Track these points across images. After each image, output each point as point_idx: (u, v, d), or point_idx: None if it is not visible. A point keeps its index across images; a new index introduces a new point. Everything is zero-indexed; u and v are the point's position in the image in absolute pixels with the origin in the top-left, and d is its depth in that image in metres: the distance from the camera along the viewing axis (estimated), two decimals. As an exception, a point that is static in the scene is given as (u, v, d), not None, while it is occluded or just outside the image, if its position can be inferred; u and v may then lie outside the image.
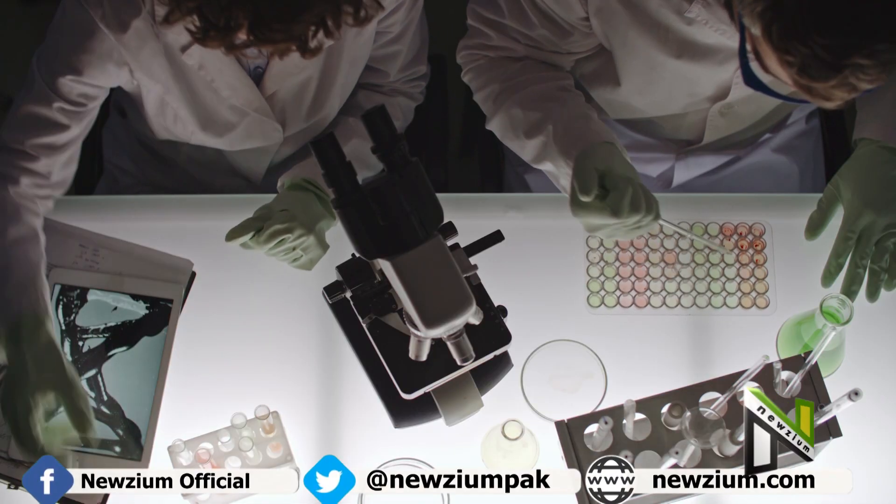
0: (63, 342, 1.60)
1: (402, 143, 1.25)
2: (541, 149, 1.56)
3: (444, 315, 1.25)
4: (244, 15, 1.12)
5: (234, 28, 1.14)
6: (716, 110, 1.67)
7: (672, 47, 1.53)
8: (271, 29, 1.13)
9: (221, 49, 1.19)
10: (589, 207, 1.44)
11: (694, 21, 1.47)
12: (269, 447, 1.52)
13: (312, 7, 1.13)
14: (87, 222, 1.67)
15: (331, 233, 1.60)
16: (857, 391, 1.25)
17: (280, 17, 1.12)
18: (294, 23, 1.13)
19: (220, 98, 1.59)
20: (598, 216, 1.44)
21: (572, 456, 1.42)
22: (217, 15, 1.13)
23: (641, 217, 1.44)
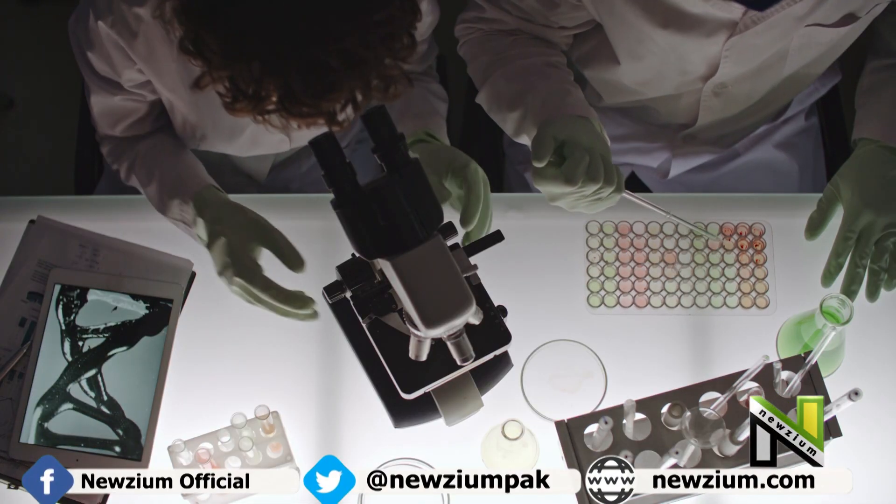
0: (63, 342, 1.60)
1: (402, 143, 1.25)
2: (519, 121, 1.55)
3: (444, 315, 1.25)
4: (275, 88, 1.12)
5: (264, 98, 1.14)
6: (709, 90, 1.67)
7: (658, 17, 1.52)
8: (301, 103, 1.13)
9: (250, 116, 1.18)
10: (544, 175, 1.43)
11: None
12: (269, 447, 1.52)
13: (343, 85, 1.12)
14: (87, 222, 1.67)
15: (331, 233, 1.61)
16: (857, 391, 1.25)
17: (310, 94, 1.11)
18: (324, 100, 1.13)
19: None
20: (554, 184, 1.43)
21: (572, 456, 1.42)
22: (248, 85, 1.12)
23: (600, 187, 1.42)
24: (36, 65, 2.81)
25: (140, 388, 1.58)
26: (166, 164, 1.60)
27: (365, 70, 1.12)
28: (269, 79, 1.11)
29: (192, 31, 1.13)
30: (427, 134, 1.55)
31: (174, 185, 1.57)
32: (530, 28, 1.64)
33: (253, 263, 1.43)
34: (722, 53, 1.56)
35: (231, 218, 1.48)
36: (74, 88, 2.02)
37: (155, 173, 1.59)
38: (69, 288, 1.62)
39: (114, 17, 1.43)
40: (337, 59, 1.10)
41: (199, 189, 1.54)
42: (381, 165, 1.26)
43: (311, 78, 1.10)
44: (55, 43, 2.80)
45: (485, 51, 1.65)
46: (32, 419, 1.55)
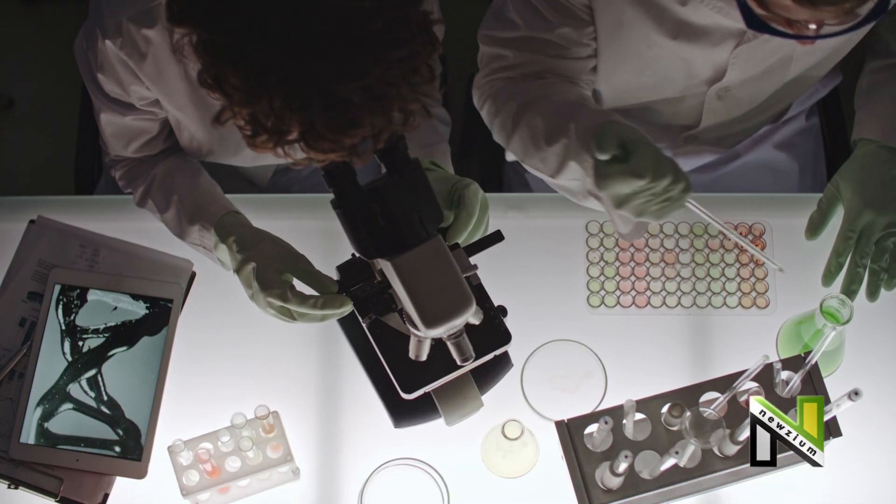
0: (63, 342, 1.60)
1: (403, 143, 1.25)
2: (563, 152, 1.49)
3: (444, 315, 1.25)
4: (296, 123, 1.11)
5: (285, 133, 1.13)
6: (713, 93, 1.66)
7: (668, 28, 1.52)
8: (323, 139, 1.12)
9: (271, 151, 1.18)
10: (609, 172, 1.35)
11: (690, 1, 1.46)
12: (269, 447, 1.52)
13: (365, 121, 1.11)
14: (87, 222, 1.67)
15: (331, 233, 1.61)
16: (857, 391, 1.25)
17: (332, 129, 1.10)
18: (346, 136, 1.12)
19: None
20: (622, 181, 1.34)
21: (572, 456, 1.42)
22: (268, 119, 1.12)
23: (669, 183, 1.35)
24: (36, 65, 2.81)
25: (140, 388, 1.58)
26: (184, 190, 1.59)
27: (387, 105, 1.11)
28: (290, 115, 1.10)
29: (213, 67, 1.12)
30: (432, 163, 1.54)
31: (193, 211, 1.56)
32: (560, 66, 1.59)
33: (284, 284, 1.41)
34: (729, 61, 1.57)
35: (256, 244, 1.46)
36: (74, 88, 2.02)
37: (173, 199, 1.59)
38: (69, 288, 1.62)
39: (123, 38, 1.42)
40: (359, 95, 1.09)
41: (220, 215, 1.53)
42: (381, 165, 1.26)
43: (333, 114, 1.09)
44: (55, 43, 2.80)
45: (514, 96, 1.58)
46: (32, 419, 1.55)
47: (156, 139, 1.63)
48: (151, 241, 1.66)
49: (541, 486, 1.54)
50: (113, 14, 1.41)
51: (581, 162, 1.44)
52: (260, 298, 1.41)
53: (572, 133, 1.46)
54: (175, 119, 1.58)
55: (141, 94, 1.52)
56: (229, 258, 1.50)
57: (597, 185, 1.37)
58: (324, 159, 1.15)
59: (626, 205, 1.37)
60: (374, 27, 1.07)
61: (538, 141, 1.51)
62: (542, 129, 1.51)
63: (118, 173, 1.67)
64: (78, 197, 1.83)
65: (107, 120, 1.58)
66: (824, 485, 1.54)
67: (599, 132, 1.38)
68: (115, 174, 1.68)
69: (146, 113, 1.56)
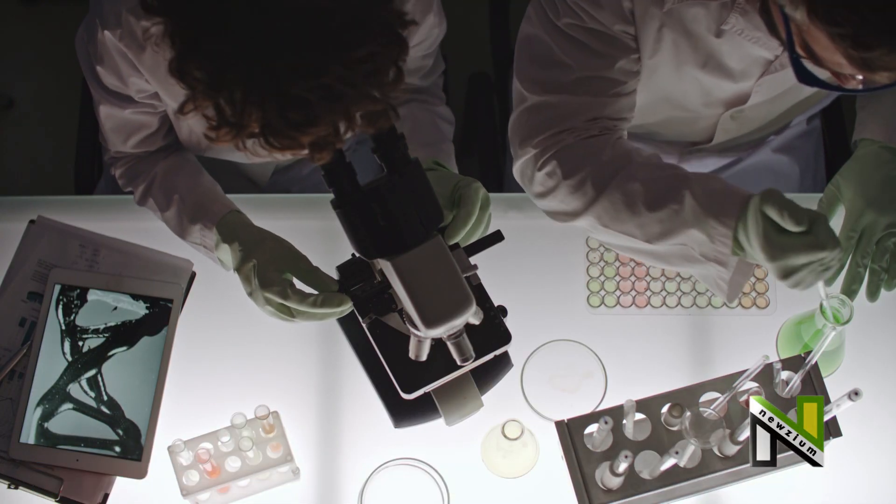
0: (63, 342, 1.60)
1: (402, 142, 1.25)
2: (673, 218, 1.44)
3: (444, 315, 1.25)
4: (256, 119, 1.12)
5: (245, 127, 1.14)
6: (728, 115, 1.67)
7: (699, 57, 1.51)
8: (280, 135, 1.13)
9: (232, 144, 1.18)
10: (792, 245, 1.33)
11: (727, 33, 1.45)
12: (269, 447, 1.52)
13: (323, 119, 1.11)
14: (87, 222, 1.67)
15: (331, 233, 1.61)
16: (857, 391, 1.25)
17: (289, 126, 1.11)
18: (303, 133, 1.12)
19: None
20: (802, 254, 1.32)
21: (572, 456, 1.42)
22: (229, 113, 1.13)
23: (839, 252, 1.34)
24: (36, 65, 2.81)
25: (140, 388, 1.58)
26: (185, 189, 1.59)
27: (347, 104, 1.11)
28: (249, 109, 1.11)
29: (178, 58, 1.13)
30: (435, 163, 1.54)
31: (195, 210, 1.56)
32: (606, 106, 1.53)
33: (284, 282, 1.41)
34: (753, 89, 1.57)
35: (259, 243, 1.46)
36: (74, 88, 2.02)
37: (174, 198, 1.59)
38: (69, 288, 1.62)
39: (122, 29, 1.42)
40: (316, 94, 1.09)
41: (222, 214, 1.53)
42: (381, 165, 1.26)
43: (290, 112, 1.10)
44: (55, 43, 2.80)
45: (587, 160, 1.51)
46: (32, 419, 1.55)
47: (155, 135, 1.62)
48: (151, 241, 1.66)
49: (541, 486, 1.54)
50: (113, 5, 1.42)
51: (707, 229, 1.41)
52: (259, 296, 1.41)
53: (688, 200, 1.43)
54: (173, 113, 1.58)
55: (140, 87, 1.51)
56: (230, 257, 1.50)
57: (769, 256, 1.34)
58: (282, 155, 1.16)
59: (793, 276, 1.35)
60: (332, 26, 1.08)
61: (636, 207, 1.47)
62: (640, 194, 1.46)
63: (118, 171, 1.67)
64: (78, 197, 1.83)
65: (106, 113, 1.58)
66: (824, 485, 1.54)
67: (773, 204, 1.35)
68: (115, 172, 1.67)
69: (145, 106, 1.56)
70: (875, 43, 1.16)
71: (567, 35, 1.48)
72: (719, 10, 1.43)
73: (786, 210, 1.33)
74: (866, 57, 1.18)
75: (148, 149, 1.64)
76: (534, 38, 1.52)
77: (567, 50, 1.49)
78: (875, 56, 1.17)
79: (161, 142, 1.65)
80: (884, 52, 1.17)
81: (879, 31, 1.15)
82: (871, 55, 1.17)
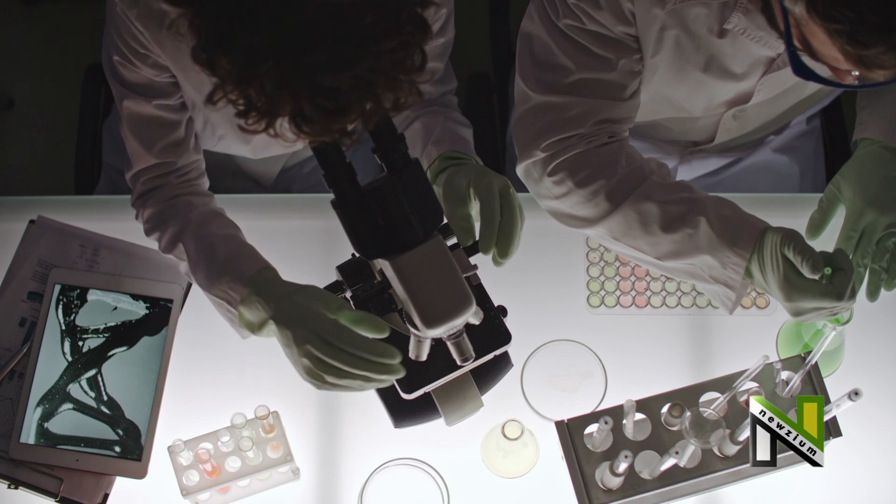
0: (63, 342, 1.60)
1: (402, 143, 1.25)
2: (686, 241, 1.47)
3: (444, 315, 1.25)
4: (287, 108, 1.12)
5: (276, 115, 1.14)
6: (730, 114, 1.67)
7: (701, 58, 1.52)
8: (311, 123, 1.13)
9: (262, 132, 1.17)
10: (809, 289, 1.36)
11: (730, 32, 1.45)
12: (269, 447, 1.52)
13: (354, 107, 1.12)
14: (87, 222, 1.67)
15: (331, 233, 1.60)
16: (857, 391, 1.25)
17: (321, 116, 1.12)
18: (334, 122, 1.13)
19: None
20: (817, 299, 1.36)
21: (572, 456, 1.42)
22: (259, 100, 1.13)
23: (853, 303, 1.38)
24: (36, 65, 2.81)
25: (140, 388, 1.58)
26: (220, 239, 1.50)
27: (377, 91, 1.12)
28: (280, 99, 1.12)
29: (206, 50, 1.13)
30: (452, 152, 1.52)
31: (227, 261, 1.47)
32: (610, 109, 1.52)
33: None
34: (756, 88, 1.57)
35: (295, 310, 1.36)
36: (74, 88, 2.02)
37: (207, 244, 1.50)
38: (69, 288, 1.62)
39: (139, 9, 1.41)
40: (349, 83, 1.10)
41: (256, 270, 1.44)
42: (381, 165, 1.26)
43: (322, 102, 1.10)
44: (55, 43, 2.80)
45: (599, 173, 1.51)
46: (32, 419, 1.55)
47: (181, 143, 1.56)
48: (151, 241, 1.65)
49: (541, 486, 1.54)
50: None
51: (720, 257, 1.44)
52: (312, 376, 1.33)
53: (703, 226, 1.45)
54: (191, 101, 1.56)
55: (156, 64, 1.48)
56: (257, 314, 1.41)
57: (786, 297, 1.39)
58: (314, 141, 1.16)
59: (803, 315, 1.40)
60: (364, 20, 1.08)
61: (650, 226, 1.49)
62: (656, 216, 1.48)
63: (147, 212, 1.57)
64: (78, 197, 1.83)
65: (130, 111, 1.52)
66: (824, 485, 1.54)
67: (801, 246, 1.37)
68: (144, 214, 1.58)
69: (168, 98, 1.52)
70: (872, 41, 1.16)
71: (567, 36, 1.48)
72: (721, 10, 1.43)
73: (807, 258, 1.36)
74: (863, 54, 1.18)
75: (174, 158, 1.56)
76: (535, 38, 1.51)
77: (567, 51, 1.49)
78: (872, 54, 1.18)
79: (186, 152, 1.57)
80: (880, 51, 1.17)
81: (877, 29, 1.15)
82: (868, 52, 1.18)
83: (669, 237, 1.48)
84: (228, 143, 1.67)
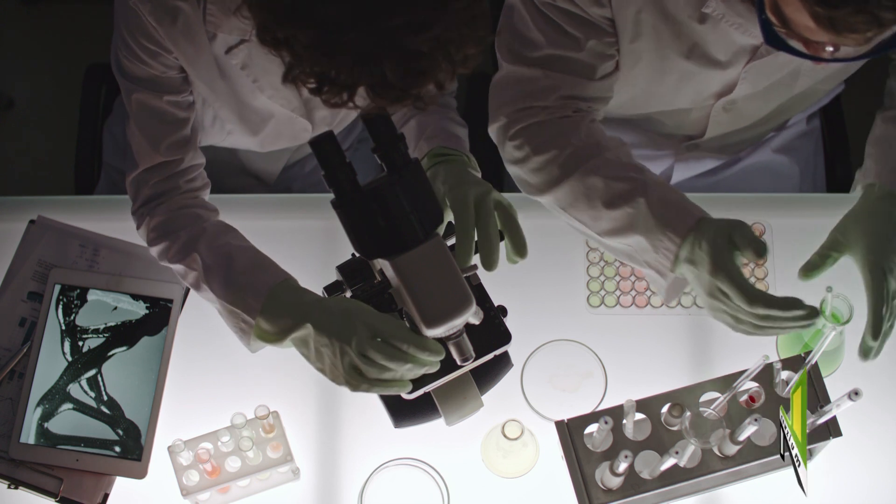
0: (63, 342, 1.60)
1: (402, 143, 1.25)
2: (626, 220, 1.46)
3: (444, 315, 1.25)
4: (368, 78, 1.14)
5: (356, 85, 1.15)
6: (720, 106, 1.67)
7: (683, 45, 1.52)
8: (391, 89, 1.15)
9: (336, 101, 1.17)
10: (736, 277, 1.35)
11: (709, 17, 1.45)
12: (269, 447, 1.52)
13: (434, 70, 1.15)
14: (87, 222, 1.67)
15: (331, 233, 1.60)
16: (857, 391, 1.25)
17: (404, 80, 1.14)
18: (415, 86, 1.15)
19: (258, 97, 1.57)
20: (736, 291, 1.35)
21: (572, 456, 1.42)
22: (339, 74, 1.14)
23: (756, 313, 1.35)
24: (36, 65, 2.81)
25: (140, 388, 1.58)
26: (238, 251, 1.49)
27: (453, 52, 1.15)
28: (361, 69, 1.13)
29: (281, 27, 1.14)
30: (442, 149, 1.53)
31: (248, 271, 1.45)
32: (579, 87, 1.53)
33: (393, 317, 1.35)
34: (740, 76, 1.57)
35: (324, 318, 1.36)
36: (74, 88, 2.02)
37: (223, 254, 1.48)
38: (69, 288, 1.62)
39: (153, 3, 1.40)
40: (429, 46, 1.12)
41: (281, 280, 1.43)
42: (381, 165, 1.26)
43: (404, 66, 1.13)
44: (55, 43, 2.80)
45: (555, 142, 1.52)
46: (32, 419, 1.55)
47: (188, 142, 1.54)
48: (152, 242, 1.66)
49: (541, 486, 1.54)
50: None
51: (654, 241, 1.44)
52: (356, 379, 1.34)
53: (642, 207, 1.45)
54: (200, 95, 1.56)
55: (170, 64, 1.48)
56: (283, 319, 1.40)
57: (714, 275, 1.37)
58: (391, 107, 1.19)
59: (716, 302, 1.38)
60: None
61: (593, 201, 1.49)
62: (600, 191, 1.48)
63: (155, 220, 1.54)
64: (78, 197, 1.83)
65: (140, 104, 1.50)
66: (824, 485, 1.54)
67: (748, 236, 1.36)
68: (150, 223, 1.54)
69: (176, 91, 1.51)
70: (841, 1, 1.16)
71: (542, 12, 1.50)
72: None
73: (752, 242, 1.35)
74: (833, 16, 1.17)
75: (180, 156, 1.54)
76: (516, 10, 1.54)
77: (540, 26, 1.51)
78: (841, 15, 1.17)
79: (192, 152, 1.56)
80: (849, 12, 1.16)
81: None
82: (837, 13, 1.17)
83: (610, 214, 1.48)
84: (237, 137, 1.67)
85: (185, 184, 1.55)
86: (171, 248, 1.52)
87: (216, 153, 1.76)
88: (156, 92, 1.50)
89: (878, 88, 1.69)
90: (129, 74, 1.49)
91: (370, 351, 1.29)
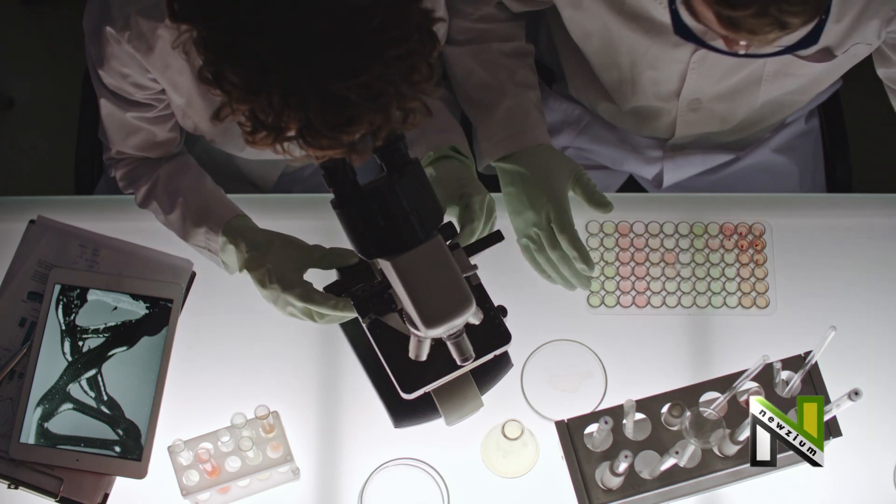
0: (63, 342, 1.60)
1: (402, 142, 1.25)
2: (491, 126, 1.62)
3: (444, 315, 1.25)
4: (295, 120, 1.12)
5: (284, 130, 1.14)
6: (684, 105, 1.68)
7: (625, 16, 1.54)
8: (321, 136, 1.13)
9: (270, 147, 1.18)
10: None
11: None
12: (269, 447, 1.52)
13: (363, 118, 1.12)
14: (87, 222, 1.67)
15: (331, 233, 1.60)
16: (857, 391, 1.25)
17: (330, 127, 1.11)
18: (343, 133, 1.13)
19: None
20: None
21: (572, 456, 1.42)
22: (267, 116, 1.13)
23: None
24: (36, 65, 2.81)
25: (140, 388, 1.58)
26: (189, 192, 1.59)
27: (384, 102, 1.12)
28: (288, 112, 1.11)
29: (212, 64, 1.13)
30: (453, 149, 1.55)
31: (200, 213, 1.56)
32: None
33: (305, 283, 1.43)
34: (689, 65, 1.57)
35: (269, 245, 1.48)
36: (74, 88, 2.02)
37: (178, 201, 1.59)
38: (69, 288, 1.62)
39: (131, 32, 1.42)
40: (357, 93, 1.09)
41: (228, 218, 1.54)
42: (381, 165, 1.26)
43: (331, 112, 1.10)
44: (55, 43, 2.80)
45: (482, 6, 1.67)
46: (32, 419, 1.55)
47: (156, 145, 1.62)
48: (151, 241, 1.66)
49: (541, 486, 1.54)
50: (122, 8, 1.42)
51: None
52: (280, 299, 1.42)
53: (488, 124, 1.63)
54: (181, 109, 1.57)
55: (146, 86, 1.51)
56: (237, 260, 1.50)
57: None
58: (322, 156, 1.16)
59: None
60: (372, 25, 1.08)
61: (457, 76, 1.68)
62: (473, 97, 1.65)
63: (119, 172, 1.66)
64: (78, 197, 1.83)
65: (107, 110, 1.57)
66: (824, 485, 1.54)
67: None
68: (116, 174, 1.67)
69: (146, 108, 1.55)
70: (741, 2, 1.17)
71: None
72: None
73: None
74: (733, 17, 1.19)
75: (148, 154, 1.63)
76: None
77: None
78: (742, 17, 1.19)
79: (161, 151, 1.64)
80: (749, 14, 1.18)
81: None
82: (738, 16, 1.19)
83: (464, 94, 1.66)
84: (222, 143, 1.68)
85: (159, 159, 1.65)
86: (137, 196, 1.65)
87: (213, 158, 1.76)
88: (122, 108, 1.55)
89: (877, 88, 1.69)
90: (99, 80, 1.53)
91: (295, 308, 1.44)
